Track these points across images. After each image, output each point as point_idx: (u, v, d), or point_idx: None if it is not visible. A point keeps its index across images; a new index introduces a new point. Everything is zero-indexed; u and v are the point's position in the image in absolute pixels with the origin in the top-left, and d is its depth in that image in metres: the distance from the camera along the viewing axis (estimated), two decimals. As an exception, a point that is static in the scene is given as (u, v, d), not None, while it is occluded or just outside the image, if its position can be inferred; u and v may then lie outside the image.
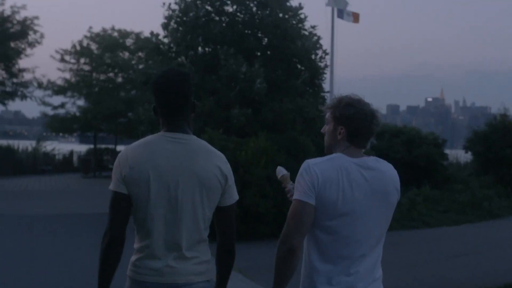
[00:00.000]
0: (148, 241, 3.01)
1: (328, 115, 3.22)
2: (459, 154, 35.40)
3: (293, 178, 3.24)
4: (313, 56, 16.45)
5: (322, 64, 16.64)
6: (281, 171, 3.72)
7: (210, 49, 16.81)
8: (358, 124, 3.08)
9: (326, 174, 2.97)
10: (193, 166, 2.98)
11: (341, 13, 28.15)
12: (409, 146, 23.98)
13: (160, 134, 3.07)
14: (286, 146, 13.61)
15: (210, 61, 16.55)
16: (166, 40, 17.92)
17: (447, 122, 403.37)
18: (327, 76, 16.74)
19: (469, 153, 27.39)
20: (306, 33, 16.88)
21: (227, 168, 3.08)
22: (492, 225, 17.61)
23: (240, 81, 15.21)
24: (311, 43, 16.36)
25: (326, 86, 17.17)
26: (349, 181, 2.98)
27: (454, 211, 18.99)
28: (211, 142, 3.51)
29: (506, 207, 20.73)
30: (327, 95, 16.68)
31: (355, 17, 28.64)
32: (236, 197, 3.15)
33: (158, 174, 2.95)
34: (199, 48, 17.28)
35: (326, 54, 16.74)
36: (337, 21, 27.79)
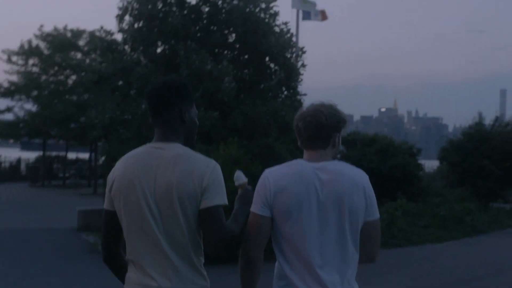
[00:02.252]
0: (134, 256, 2.91)
1: None
2: (426, 164, 34.35)
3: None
4: (288, 55, 14.64)
5: (298, 64, 14.82)
6: (240, 178, 3.31)
7: (171, 45, 14.94)
8: (302, 132, 3.10)
9: (280, 182, 2.98)
10: (167, 175, 2.86)
11: (307, 15, 26.75)
12: (382, 156, 22.56)
13: (146, 145, 3.05)
14: (260, 155, 11.83)
15: (171, 58, 14.69)
16: (120, 35, 15.99)
17: (400, 132, 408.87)
18: (303, 77, 14.87)
19: (438, 162, 26.26)
20: (278, 29, 15.13)
21: (202, 170, 2.88)
22: (479, 242, 16.29)
23: (206, 80, 13.36)
24: (285, 39, 14.60)
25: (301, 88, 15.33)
26: (306, 186, 2.96)
27: (436, 226, 17.72)
28: None
29: (487, 221, 19.50)
30: (303, 98, 14.84)
31: (323, 15, 27.24)
32: (216, 201, 2.86)
33: (132, 186, 2.89)
34: (159, 44, 15.40)
35: (303, 52, 14.94)
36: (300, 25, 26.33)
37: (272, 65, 14.85)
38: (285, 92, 14.80)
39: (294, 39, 15.83)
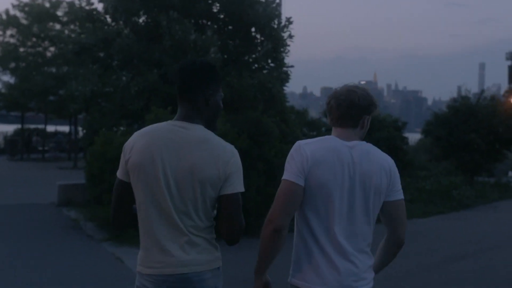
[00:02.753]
0: (149, 232, 2.95)
1: None
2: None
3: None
4: (274, 25, 14.19)
5: (285, 34, 14.35)
6: None
7: (153, 15, 14.44)
8: (334, 110, 3.16)
9: (317, 154, 3.01)
10: (191, 157, 2.89)
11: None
12: (368, 130, 22.29)
13: (168, 122, 3.06)
14: (248, 129, 11.46)
15: (154, 29, 14.22)
16: (101, 5, 15.44)
17: (380, 105, 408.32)
18: (290, 48, 14.39)
19: (418, 135, 26.00)
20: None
21: (227, 157, 2.95)
22: (466, 217, 16.14)
23: (190, 51, 12.92)
24: (271, 9, 14.15)
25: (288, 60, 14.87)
26: (341, 162, 3.01)
27: (422, 200, 17.56)
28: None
29: (473, 196, 19.37)
30: (290, 70, 14.41)
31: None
32: (238, 188, 2.95)
33: (153, 162, 2.90)
34: (141, 14, 14.89)
35: (290, 22, 14.45)
36: None
37: (258, 36, 14.42)
38: (272, 64, 14.37)
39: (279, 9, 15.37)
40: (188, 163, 2.88)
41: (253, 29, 14.41)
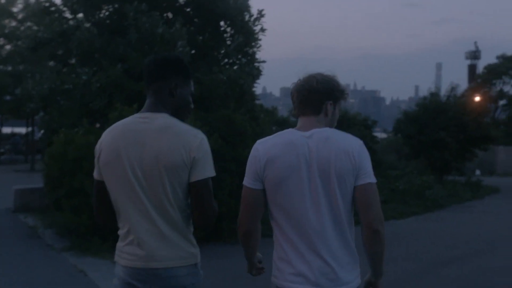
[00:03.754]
0: (123, 225, 2.98)
1: None
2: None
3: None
4: (246, 18, 13.43)
5: (257, 28, 13.59)
6: None
7: (116, 7, 13.60)
8: (295, 98, 3.11)
9: (270, 152, 2.96)
10: (154, 146, 2.86)
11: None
12: (337, 128, 21.76)
13: (133, 115, 3.07)
14: (219, 128, 10.71)
15: (117, 22, 13.37)
16: (59, -1, 14.53)
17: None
18: (262, 43, 13.63)
19: (379, 134, 25.68)
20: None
21: (192, 142, 2.87)
22: (442, 218, 15.73)
23: (157, 45, 12.12)
24: (242, 1, 13.39)
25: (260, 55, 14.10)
26: (296, 155, 2.93)
27: (396, 201, 17.08)
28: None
29: (446, 196, 19.03)
30: (262, 65, 13.66)
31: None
32: (207, 173, 2.89)
33: (118, 157, 2.91)
34: (103, 6, 14.03)
35: (262, 15, 13.70)
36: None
37: (228, 30, 13.66)
38: (242, 59, 13.61)
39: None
40: (152, 152, 2.85)
41: (222, 23, 13.66)
